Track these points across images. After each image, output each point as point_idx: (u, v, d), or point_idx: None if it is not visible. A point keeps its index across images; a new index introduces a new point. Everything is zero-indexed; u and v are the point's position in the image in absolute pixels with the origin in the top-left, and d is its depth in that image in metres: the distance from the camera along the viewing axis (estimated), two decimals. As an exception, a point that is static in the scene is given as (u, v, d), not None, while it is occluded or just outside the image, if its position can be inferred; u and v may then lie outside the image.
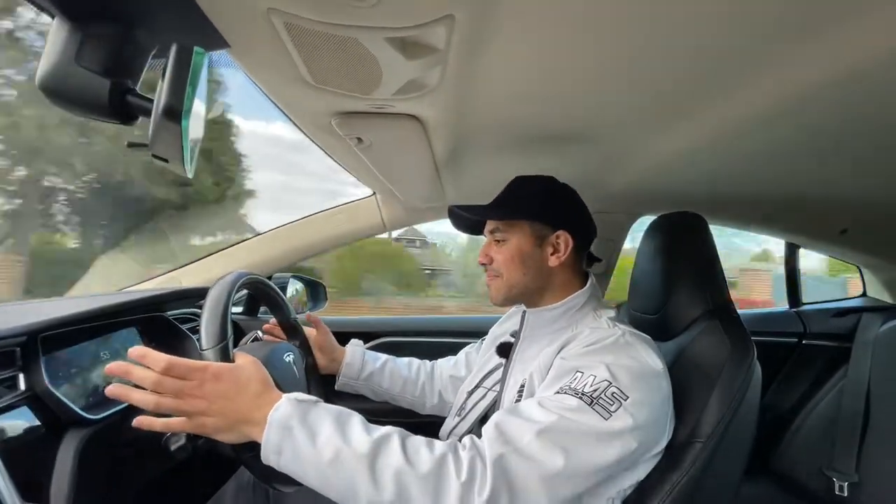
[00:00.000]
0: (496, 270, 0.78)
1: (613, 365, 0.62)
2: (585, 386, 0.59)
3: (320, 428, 0.53)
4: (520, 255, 0.76)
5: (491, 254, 0.79)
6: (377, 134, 0.74)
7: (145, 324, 0.90)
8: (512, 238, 0.77)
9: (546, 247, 0.76)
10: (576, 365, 0.63)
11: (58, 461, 0.61)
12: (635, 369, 0.63)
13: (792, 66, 0.51)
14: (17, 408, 0.59)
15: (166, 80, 0.35)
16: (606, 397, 0.58)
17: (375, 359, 0.99)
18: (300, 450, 0.52)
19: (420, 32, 0.42)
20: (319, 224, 1.32)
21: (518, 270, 0.76)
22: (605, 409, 0.58)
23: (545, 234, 0.76)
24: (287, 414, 0.54)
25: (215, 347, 0.60)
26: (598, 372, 0.61)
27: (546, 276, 0.77)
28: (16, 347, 0.62)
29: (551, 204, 0.78)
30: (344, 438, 0.53)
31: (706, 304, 0.85)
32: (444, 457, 0.54)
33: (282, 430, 0.53)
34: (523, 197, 0.78)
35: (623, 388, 0.59)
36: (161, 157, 0.44)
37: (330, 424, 0.54)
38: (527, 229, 0.76)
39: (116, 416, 0.71)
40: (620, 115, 0.71)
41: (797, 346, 1.54)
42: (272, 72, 0.56)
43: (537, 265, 0.76)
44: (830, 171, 0.89)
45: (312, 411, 0.55)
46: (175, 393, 0.55)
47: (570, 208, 0.80)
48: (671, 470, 0.72)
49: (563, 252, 0.76)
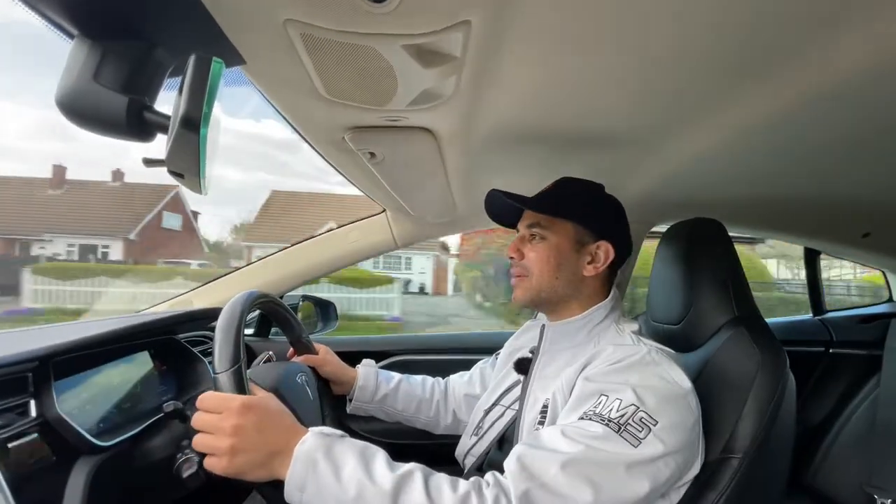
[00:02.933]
0: (525, 268, 0.74)
1: (640, 387, 0.58)
2: (612, 411, 0.56)
3: (344, 462, 0.52)
4: (557, 256, 0.72)
5: (524, 249, 0.75)
6: (390, 148, 0.74)
7: (157, 347, 0.89)
8: (552, 237, 0.73)
9: (584, 254, 0.73)
10: (600, 388, 0.60)
11: (68, 489, 0.58)
12: (663, 391, 0.59)
13: (809, 66, 0.50)
14: (27, 435, 0.58)
15: (184, 92, 0.35)
16: (635, 423, 0.55)
17: (389, 379, 0.96)
18: (323, 484, 0.50)
19: (437, 39, 0.42)
20: (329, 243, 1.31)
21: (551, 273, 0.72)
22: (633, 436, 0.55)
23: (586, 240, 0.73)
24: (313, 447, 0.53)
25: (229, 371, 0.59)
26: (624, 395, 0.57)
27: (577, 284, 0.73)
28: (28, 373, 0.61)
29: (599, 211, 0.75)
30: (368, 474, 0.51)
31: (731, 312, 0.82)
32: (467, 495, 0.52)
33: (307, 464, 0.51)
34: (571, 198, 0.75)
35: (651, 412, 0.56)
36: (177, 172, 0.43)
37: (354, 459, 0.52)
38: (570, 231, 0.73)
39: (128, 443, 0.69)
40: (635, 120, 0.70)
41: (824, 354, 1.49)
42: (286, 87, 0.56)
43: (571, 271, 0.73)
44: (852, 172, 0.87)
45: (337, 445, 0.54)
46: (208, 428, 0.54)
47: (616, 220, 0.77)
48: (708, 489, 0.68)
49: (602, 263, 0.73)
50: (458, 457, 0.85)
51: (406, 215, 1.25)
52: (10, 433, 0.55)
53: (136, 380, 0.82)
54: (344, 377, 0.92)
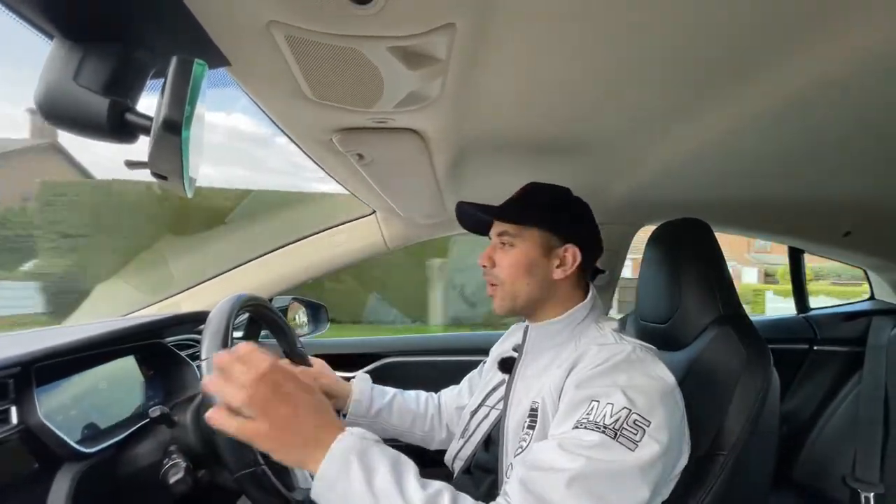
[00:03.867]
0: (496, 277, 0.76)
1: (629, 388, 0.59)
2: (605, 417, 0.57)
3: (377, 468, 0.51)
4: (526, 262, 0.74)
5: (494, 257, 0.77)
6: (378, 149, 0.74)
7: (143, 351, 0.88)
8: (521, 244, 0.75)
9: (553, 258, 0.75)
10: (590, 394, 0.60)
11: (51, 497, 0.57)
12: (651, 389, 0.60)
13: (791, 68, 0.51)
14: (8, 442, 0.57)
15: (166, 93, 0.35)
16: (629, 426, 0.56)
17: (383, 394, 0.95)
18: (354, 489, 0.50)
19: (421, 42, 0.42)
20: (319, 245, 1.31)
21: (522, 279, 0.74)
22: (629, 440, 0.55)
23: (554, 244, 0.75)
24: (349, 446, 0.52)
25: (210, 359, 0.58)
26: (615, 399, 0.58)
27: (548, 287, 0.75)
28: (9, 379, 0.60)
29: (564, 216, 0.77)
30: (399, 488, 0.50)
31: (717, 311, 0.84)
32: None
33: (341, 462, 0.50)
34: (537, 204, 0.77)
35: (643, 413, 0.57)
36: (161, 174, 0.43)
37: (386, 468, 0.51)
38: (537, 237, 0.75)
39: (113, 450, 0.68)
40: (622, 123, 0.71)
41: (808, 351, 1.52)
42: (272, 88, 0.55)
43: (541, 275, 0.74)
44: (832, 173, 0.89)
45: (372, 449, 0.53)
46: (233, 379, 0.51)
47: (583, 223, 0.79)
48: (695, 485, 0.69)
49: (570, 266, 0.74)
50: (447, 461, 0.85)
51: (396, 217, 1.25)
52: (-10, 441, 0.54)
53: (122, 385, 0.81)
54: (339, 391, 0.91)
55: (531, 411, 0.68)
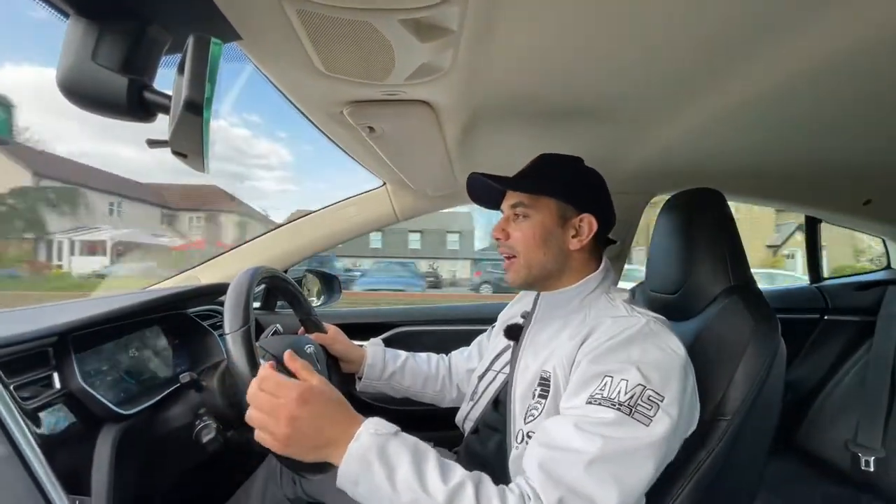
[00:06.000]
0: (512, 248, 0.75)
1: (643, 363, 0.60)
2: (620, 393, 0.58)
3: (399, 464, 0.53)
4: (542, 233, 0.73)
5: (509, 229, 0.76)
6: (389, 122, 0.73)
7: (168, 321, 0.92)
8: (535, 215, 0.74)
9: (568, 228, 0.74)
10: (604, 369, 0.61)
11: (96, 454, 0.62)
12: (665, 364, 0.61)
13: (809, 36, 0.49)
14: (53, 405, 0.61)
15: (186, 73, 0.35)
16: (644, 402, 0.57)
17: (396, 357, 0.99)
18: (377, 486, 0.52)
19: (433, 13, 0.42)
20: (332, 217, 1.32)
21: (538, 250, 0.74)
22: (644, 415, 0.56)
23: (569, 215, 0.74)
24: (367, 445, 0.54)
25: (238, 331, 0.61)
26: (629, 375, 0.59)
27: (564, 258, 0.75)
28: (48, 347, 0.64)
29: (579, 185, 0.76)
30: (421, 482, 0.52)
31: (727, 281, 0.84)
32: None
33: (361, 463, 0.53)
34: (551, 174, 0.76)
35: (657, 388, 0.58)
36: (181, 152, 0.44)
37: (407, 461, 0.53)
38: (553, 207, 0.74)
39: (148, 412, 0.72)
40: (635, 90, 0.69)
41: (819, 321, 1.52)
42: (284, 62, 0.55)
43: (557, 246, 0.74)
44: (852, 140, 0.87)
45: (391, 444, 0.55)
46: (265, 410, 0.55)
47: (597, 192, 0.77)
48: (697, 448, 0.72)
49: (586, 236, 0.74)
50: (458, 422, 0.89)
51: (406, 189, 1.25)
52: (38, 403, 0.59)
53: (150, 353, 0.85)
54: (353, 356, 0.95)
55: (542, 380, 0.69)
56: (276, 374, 0.57)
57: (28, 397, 0.58)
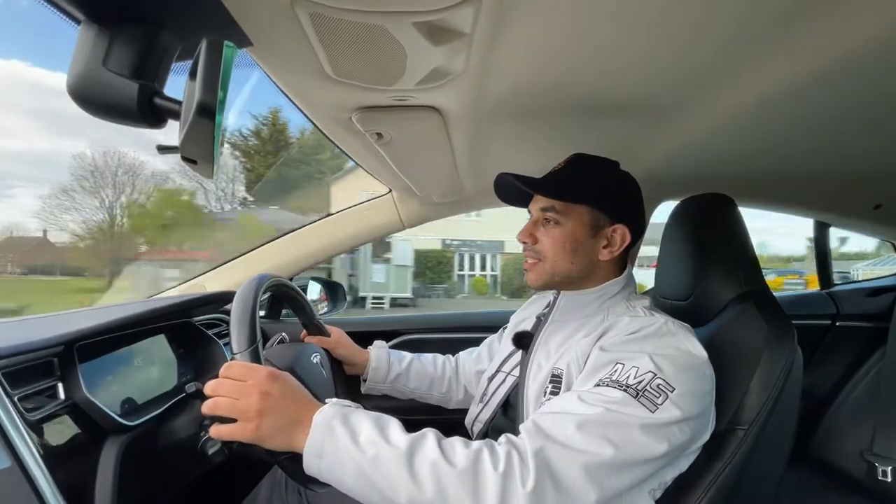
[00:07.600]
0: (539, 253, 0.72)
1: (657, 355, 0.59)
2: (629, 378, 0.57)
3: (361, 428, 0.54)
4: (572, 241, 0.70)
5: (537, 234, 0.72)
6: (397, 128, 0.73)
7: (173, 330, 0.91)
8: (567, 222, 0.70)
9: (600, 238, 0.71)
10: (616, 357, 0.60)
11: (100, 466, 0.61)
12: (680, 360, 0.60)
13: (822, 40, 0.49)
14: (58, 416, 0.60)
15: (198, 76, 0.35)
16: (652, 389, 0.56)
17: (401, 359, 0.97)
18: (341, 449, 0.52)
19: (447, 16, 0.41)
20: (337, 225, 1.32)
21: (567, 258, 0.70)
22: (651, 401, 0.55)
23: (602, 224, 0.71)
24: (330, 414, 0.54)
25: (246, 351, 0.61)
26: (641, 363, 0.58)
27: (592, 267, 0.72)
28: (53, 357, 0.63)
29: (615, 193, 0.72)
30: (384, 437, 0.53)
31: (739, 287, 0.83)
32: (479, 451, 0.53)
33: (325, 430, 0.53)
34: (586, 179, 0.72)
35: (669, 379, 0.57)
36: (191, 158, 0.43)
37: (369, 425, 0.54)
38: (585, 215, 0.70)
39: (153, 423, 0.71)
40: (646, 93, 0.69)
41: (830, 327, 1.50)
42: (292, 67, 0.55)
43: (586, 256, 0.71)
44: (862, 144, 0.86)
45: (354, 414, 0.56)
46: (234, 394, 0.56)
47: (633, 201, 0.74)
48: (713, 459, 0.70)
49: (618, 247, 0.71)
50: (467, 425, 0.87)
51: (412, 196, 1.25)
52: (42, 415, 0.57)
53: (156, 362, 0.84)
54: (357, 358, 0.94)
55: (553, 377, 0.67)
56: (240, 362, 0.59)
57: (32, 408, 0.57)
